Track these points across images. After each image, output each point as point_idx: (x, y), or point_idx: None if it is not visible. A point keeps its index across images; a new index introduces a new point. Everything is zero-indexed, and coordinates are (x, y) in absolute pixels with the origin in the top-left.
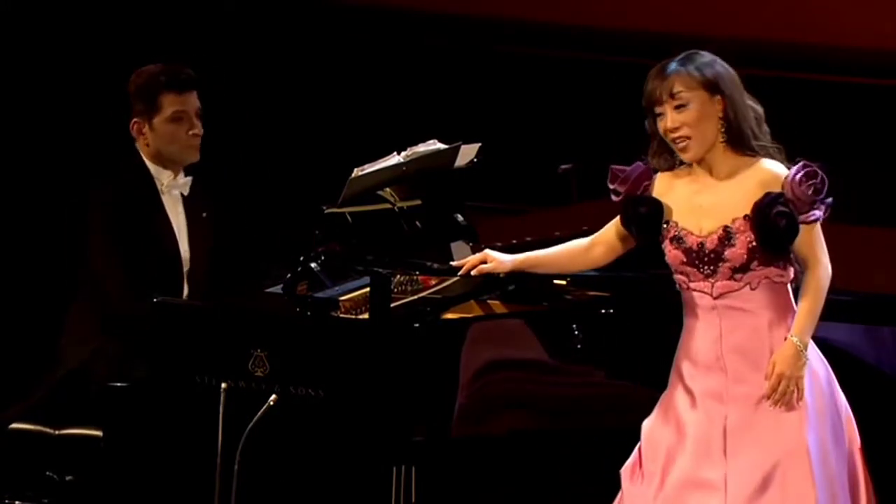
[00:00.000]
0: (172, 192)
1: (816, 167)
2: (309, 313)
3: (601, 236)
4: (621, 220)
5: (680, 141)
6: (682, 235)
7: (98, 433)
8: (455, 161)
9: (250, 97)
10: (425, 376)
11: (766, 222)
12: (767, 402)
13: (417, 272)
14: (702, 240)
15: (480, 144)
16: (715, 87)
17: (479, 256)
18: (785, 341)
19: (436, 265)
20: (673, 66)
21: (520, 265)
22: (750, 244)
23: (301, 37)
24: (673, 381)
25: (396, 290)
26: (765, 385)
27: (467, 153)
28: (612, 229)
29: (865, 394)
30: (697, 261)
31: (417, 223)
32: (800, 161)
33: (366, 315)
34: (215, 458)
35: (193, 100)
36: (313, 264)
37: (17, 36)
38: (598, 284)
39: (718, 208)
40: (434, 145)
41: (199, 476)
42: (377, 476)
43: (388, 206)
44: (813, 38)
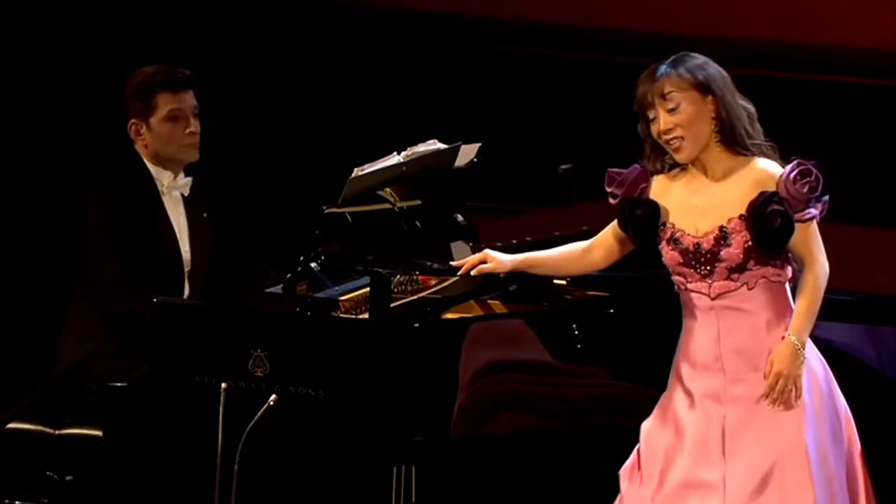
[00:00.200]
0: (173, 193)
1: (811, 165)
2: (309, 313)
3: (599, 239)
4: (618, 223)
5: (673, 142)
6: (679, 236)
7: (98, 433)
8: (455, 161)
9: (250, 97)
10: (425, 376)
11: (762, 221)
12: (765, 402)
13: (417, 272)
14: (698, 240)
15: (480, 144)
16: (706, 88)
17: (479, 256)
18: (783, 340)
19: (436, 265)
20: (663, 69)
21: (519, 265)
22: (746, 244)
23: (301, 37)
24: (672, 383)
25: (396, 290)
26: (763, 385)
27: (467, 153)
28: (610, 232)
29: (866, 394)
30: (694, 261)
31: (417, 223)
32: (794, 159)
33: (366, 315)
34: (215, 458)
35: (189, 99)
36: (313, 264)
37: (18, 37)
38: (598, 284)
39: (714, 209)
40: (434, 145)
41: (199, 476)
42: (377, 476)
43: (388, 206)
44: (813, 38)
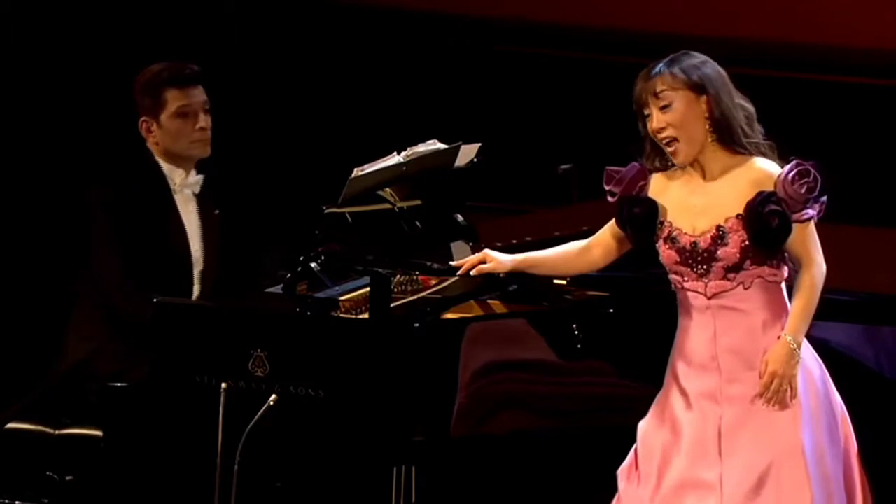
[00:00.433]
0: (185, 191)
1: (809, 165)
2: (309, 313)
3: (598, 238)
4: (616, 221)
5: (667, 142)
6: (676, 235)
7: (98, 433)
8: (455, 161)
9: (250, 97)
10: (425, 376)
11: (759, 221)
12: (761, 401)
13: (417, 272)
14: (695, 239)
15: (480, 144)
16: (700, 88)
17: (479, 256)
18: (778, 340)
19: (436, 265)
20: (658, 68)
21: (519, 265)
22: (743, 243)
23: (301, 37)
24: (668, 382)
25: (396, 290)
26: (759, 385)
27: (467, 153)
28: (608, 231)
29: (863, 393)
30: (691, 260)
31: (417, 223)
32: (793, 160)
33: (366, 315)
34: (215, 458)
35: (199, 94)
36: (313, 264)
37: (24, 38)
38: (598, 284)
39: (711, 208)
40: (434, 145)
41: (199, 476)
42: (377, 476)
43: (388, 206)
44: (813, 38)
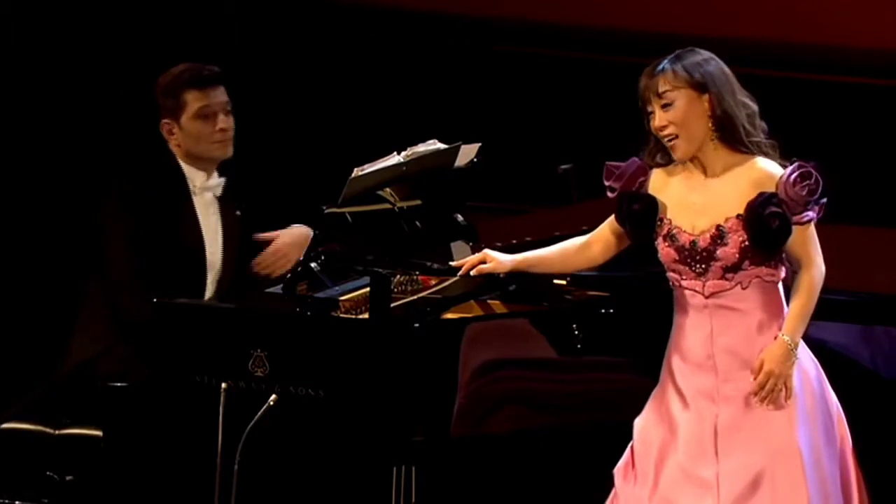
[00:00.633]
0: (205, 195)
1: (811, 168)
2: (309, 313)
3: (597, 234)
4: (616, 217)
5: (668, 139)
6: (675, 233)
7: (98, 433)
8: (455, 161)
9: (250, 97)
10: (425, 376)
11: (759, 223)
12: (755, 400)
13: (417, 272)
14: (694, 238)
15: (480, 144)
16: (702, 86)
17: (479, 256)
18: (775, 340)
19: (436, 265)
20: (661, 66)
21: (519, 265)
22: (742, 244)
23: (301, 37)
24: (664, 379)
25: (396, 290)
26: (754, 384)
27: (467, 153)
28: (608, 227)
29: (858, 393)
30: (689, 259)
31: (417, 223)
32: (795, 161)
33: (366, 315)
34: (215, 458)
35: (219, 95)
36: (313, 264)
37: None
38: (598, 284)
39: (712, 207)
40: (434, 145)
41: (199, 476)
42: (377, 476)
43: (388, 206)
44: (813, 38)
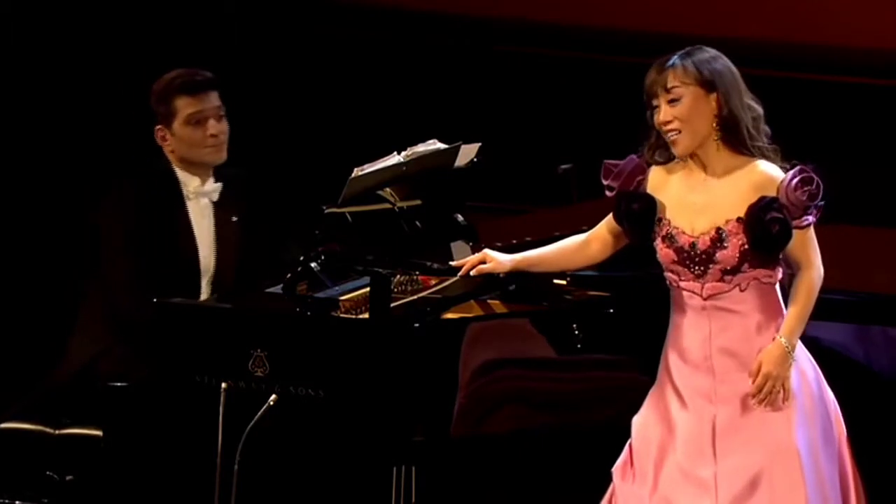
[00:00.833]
0: (201, 200)
1: (812, 172)
2: (309, 313)
3: (596, 232)
4: (614, 216)
5: (671, 134)
6: (674, 234)
7: (98, 433)
8: (455, 161)
9: (250, 97)
10: (425, 376)
11: (760, 227)
12: (753, 401)
13: (417, 272)
14: (693, 240)
15: (480, 144)
16: (710, 85)
17: (479, 256)
18: (773, 341)
19: (436, 265)
20: (672, 61)
21: (518, 264)
22: (742, 247)
23: (301, 37)
24: (661, 377)
25: (396, 290)
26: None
27: (467, 153)
28: (606, 226)
29: (856, 393)
30: (688, 260)
31: (417, 223)
32: (796, 165)
33: (366, 315)
34: (215, 458)
35: (211, 100)
36: (313, 264)
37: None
38: (598, 284)
39: (711, 208)
40: (434, 145)
41: (199, 476)
42: (377, 476)
43: (388, 206)
44: (813, 38)
